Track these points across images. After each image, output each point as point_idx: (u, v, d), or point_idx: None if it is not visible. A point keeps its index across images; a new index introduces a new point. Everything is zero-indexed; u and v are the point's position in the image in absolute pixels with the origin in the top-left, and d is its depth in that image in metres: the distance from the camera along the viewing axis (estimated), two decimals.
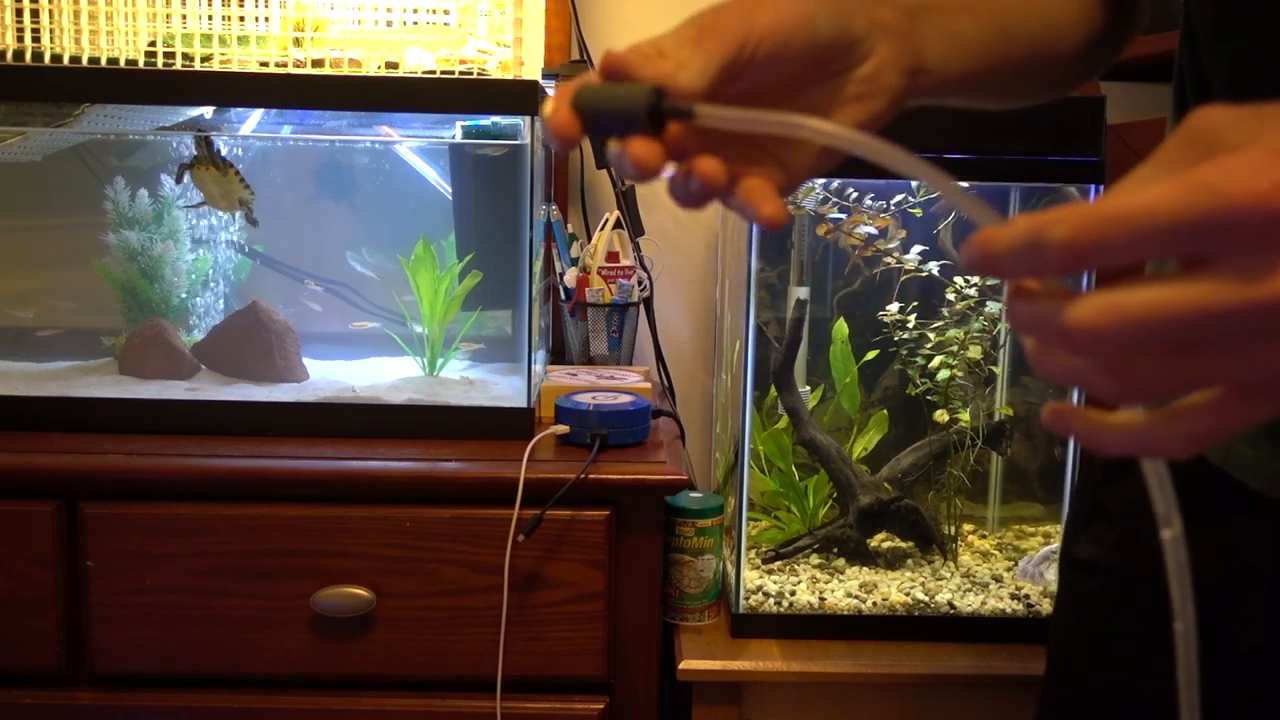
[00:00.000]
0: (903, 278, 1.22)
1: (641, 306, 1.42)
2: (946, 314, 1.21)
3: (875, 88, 0.47)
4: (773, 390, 1.24)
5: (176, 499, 1.01)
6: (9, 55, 1.10)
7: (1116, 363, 0.31)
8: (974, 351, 1.20)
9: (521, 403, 1.12)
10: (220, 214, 1.24)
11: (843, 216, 1.21)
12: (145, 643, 1.02)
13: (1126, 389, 0.32)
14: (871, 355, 1.27)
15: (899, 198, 1.20)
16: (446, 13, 1.16)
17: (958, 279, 1.21)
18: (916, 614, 1.15)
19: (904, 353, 1.24)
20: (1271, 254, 0.29)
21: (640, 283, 1.39)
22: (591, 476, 1.01)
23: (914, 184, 1.19)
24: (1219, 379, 0.31)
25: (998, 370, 1.27)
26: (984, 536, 1.34)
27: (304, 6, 1.14)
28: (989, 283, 1.20)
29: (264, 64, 1.11)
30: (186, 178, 1.17)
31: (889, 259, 1.21)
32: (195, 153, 1.14)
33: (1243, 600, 0.60)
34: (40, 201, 1.25)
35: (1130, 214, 0.30)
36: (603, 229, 1.38)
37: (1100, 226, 0.30)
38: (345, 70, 1.11)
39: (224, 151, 1.17)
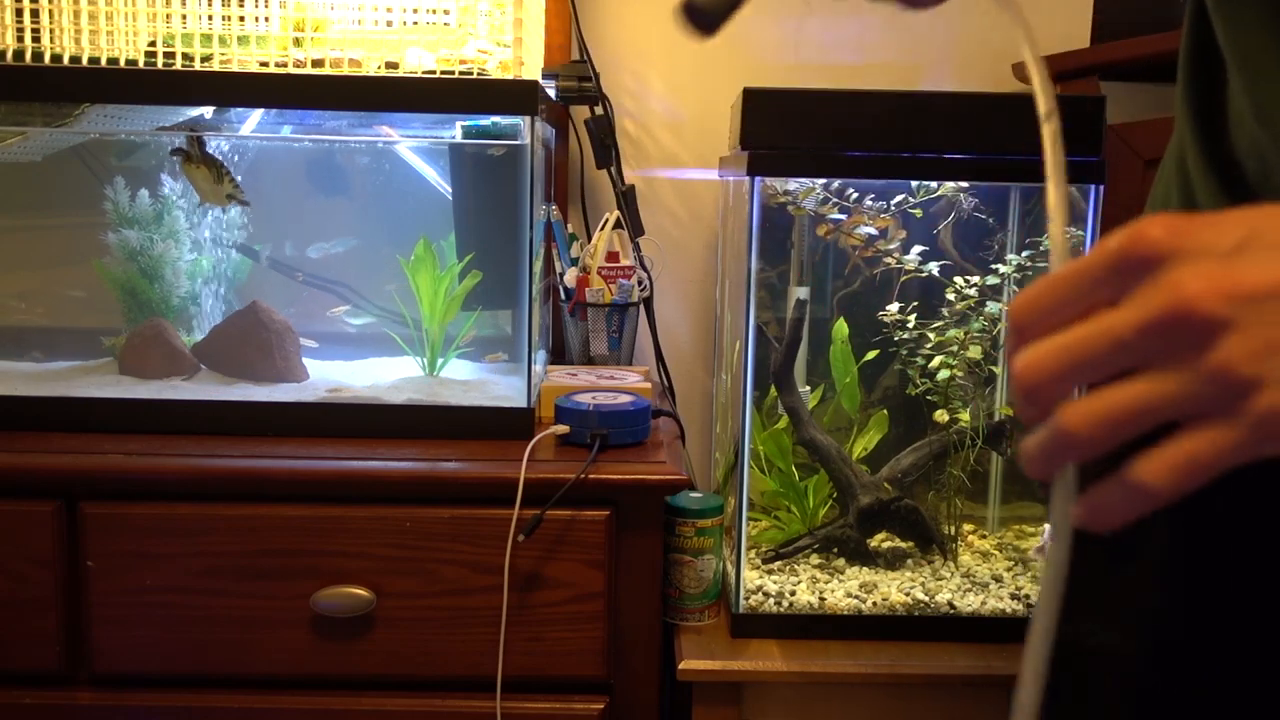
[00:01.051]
0: (903, 278, 1.22)
1: (641, 306, 1.42)
2: (946, 314, 1.21)
3: None
4: (773, 390, 1.24)
5: (176, 499, 1.01)
6: (9, 55, 1.10)
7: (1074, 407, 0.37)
8: (974, 351, 1.20)
9: (521, 403, 1.12)
10: (219, 214, 1.24)
11: (843, 217, 1.21)
12: (145, 643, 1.02)
13: (1086, 423, 0.37)
14: (871, 355, 1.27)
15: (899, 198, 1.20)
16: (446, 13, 1.16)
17: (958, 279, 1.21)
18: (916, 614, 1.15)
19: (904, 353, 1.24)
20: (1142, 281, 0.35)
21: (640, 283, 1.39)
22: (591, 476, 1.01)
23: (914, 184, 1.19)
24: (1158, 408, 0.35)
25: (998, 370, 1.27)
26: (984, 536, 1.34)
27: (304, 6, 1.14)
28: (989, 283, 1.20)
29: (264, 64, 1.11)
30: (177, 168, 1.17)
31: (889, 259, 1.21)
32: (185, 148, 1.14)
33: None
34: (40, 201, 1.25)
35: (1053, 279, 0.37)
36: (603, 229, 1.38)
37: (1034, 294, 0.38)
38: (345, 70, 1.11)
39: (223, 149, 1.17)
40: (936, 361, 1.21)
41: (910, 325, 1.23)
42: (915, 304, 1.23)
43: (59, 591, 1.01)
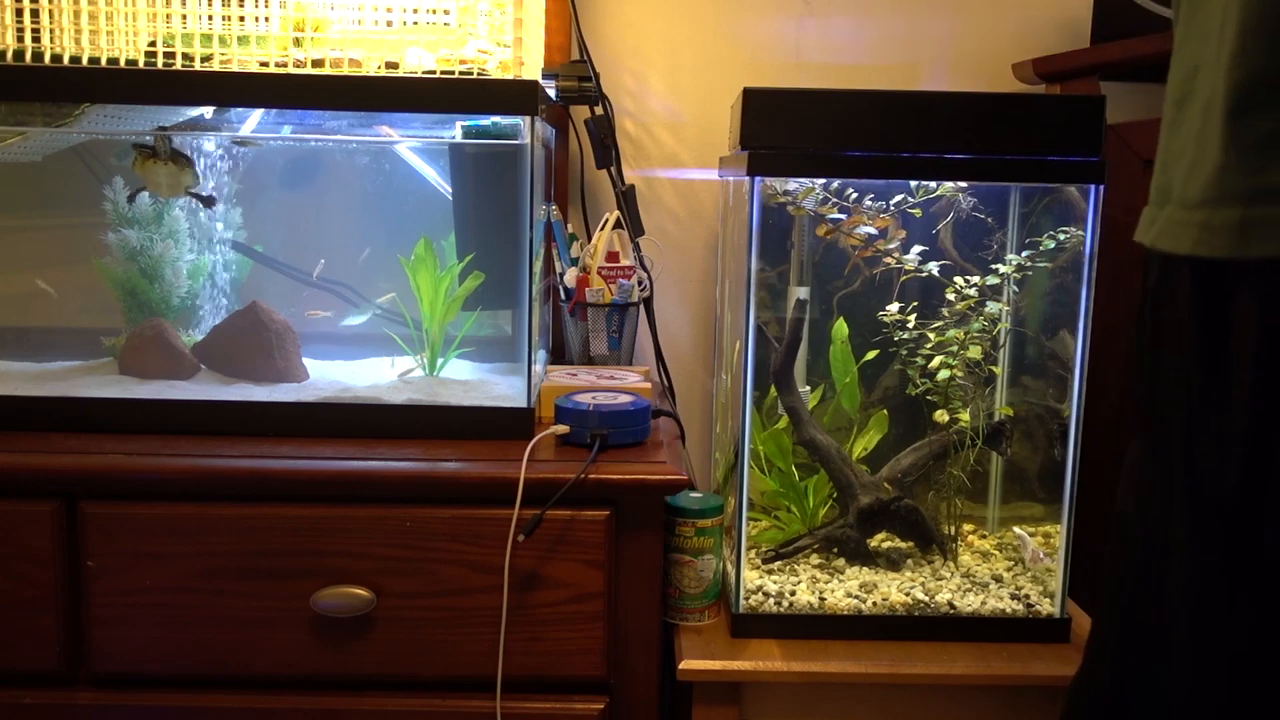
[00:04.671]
0: (903, 278, 1.22)
1: (641, 306, 1.42)
2: (946, 314, 1.21)
3: None
4: (773, 390, 1.24)
5: (176, 499, 1.01)
6: (9, 55, 1.10)
7: None
8: (974, 351, 1.20)
9: (521, 403, 1.12)
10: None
11: (843, 217, 1.21)
12: (145, 643, 1.02)
13: None
14: (871, 355, 1.27)
15: (899, 198, 1.20)
16: (446, 13, 1.16)
17: (958, 279, 1.21)
18: (916, 614, 1.15)
19: (904, 353, 1.24)
20: None
21: (640, 283, 1.39)
22: (591, 476, 1.01)
23: (913, 184, 1.19)
24: None
25: (998, 370, 1.27)
26: (984, 536, 1.34)
27: (304, 6, 1.14)
28: (989, 283, 1.20)
29: (264, 64, 1.11)
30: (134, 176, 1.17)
31: (889, 259, 1.21)
32: (152, 145, 1.14)
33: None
34: (40, 201, 1.25)
35: None
36: (603, 229, 1.38)
37: None
38: (345, 70, 1.11)
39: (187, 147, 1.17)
40: (936, 361, 1.21)
41: (910, 325, 1.23)
42: (915, 304, 1.23)
43: (59, 591, 1.01)
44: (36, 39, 1.11)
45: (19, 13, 1.10)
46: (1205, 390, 0.67)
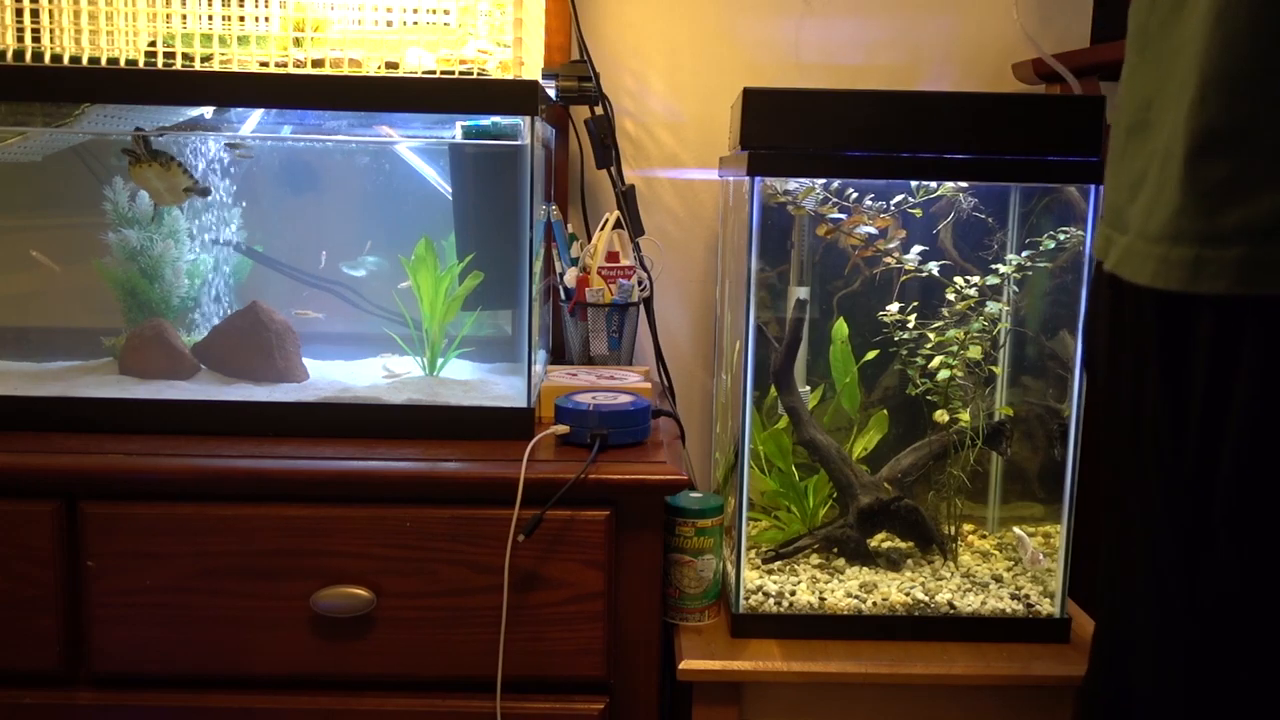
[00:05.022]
0: (903, 278, 1.22)
1: (641, 306, 1.42)
2: (946, 314, 1.21)
3: None
4: (773, 390, 1.24)
5: (176, 499, 1.01)
6: (9, 55, 1.10)
7: None
8: (974, 351, 1.20)
9: (521, 403, 1.12)
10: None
11: (843, 217, 1.21)
12: (145, 643, 1.02)
13: None
14: (871, 355, 1.27)
15: (899, 198, 1.20)
16: (446, 13, 1.16)
17: (958, 279, 1.21)
18: (916, 614, 1.15)
19: (904, 353, 1.24)
20: None
21: (640, 283, 1.39)
22: (591, 476, 1.01)
23: (913, 184, 1.19)
24: None
25: (998, 370, 1.27)
26: (984, 536, 1.34)
27: (304, 6, 1.14)
28: (989, 283, 1.20)
29: (264, 64, 1.11)
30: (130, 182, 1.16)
31: (889, 259, 1.21)
32: (132, 149, 1.14)
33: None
34: (40, 201, 1.25)
35: None
36: (603, 229, 1.38)
37: None
38: (345, 70, 1.11)
39: (174, 143, 1.17)
40: (936, 361, 1.21)
41: (910, 325, 1.23)
42: (915, 304, 1.23)
43: (59, 591, 1.01)
44: (36, 39, 1.11)
45: (19, 13, 1.10)
46: (1161, 398, 0.71)
